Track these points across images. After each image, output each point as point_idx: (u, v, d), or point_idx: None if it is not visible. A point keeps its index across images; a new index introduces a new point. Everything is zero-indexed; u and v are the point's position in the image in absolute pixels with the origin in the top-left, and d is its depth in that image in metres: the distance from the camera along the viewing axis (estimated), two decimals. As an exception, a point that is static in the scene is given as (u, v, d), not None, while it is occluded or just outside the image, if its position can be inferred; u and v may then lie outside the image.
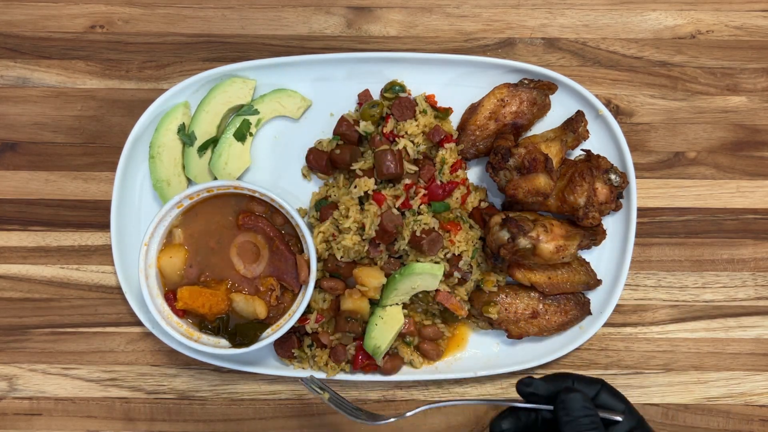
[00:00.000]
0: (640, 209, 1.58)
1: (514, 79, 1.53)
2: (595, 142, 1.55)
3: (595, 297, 1.54)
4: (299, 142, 1.56)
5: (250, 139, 1.54)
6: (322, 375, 1.50)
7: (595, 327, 1.52)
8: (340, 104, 1.56)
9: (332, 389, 1.38)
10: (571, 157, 1.55)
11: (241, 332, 1.43)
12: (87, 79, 1.61)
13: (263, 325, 1.45)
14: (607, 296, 1.53)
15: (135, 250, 1.48)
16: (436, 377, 1.51)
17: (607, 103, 1.60)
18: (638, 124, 1.61)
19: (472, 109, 1.52)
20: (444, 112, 1.52)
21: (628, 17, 1.63)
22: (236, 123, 1.52)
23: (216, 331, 1.45)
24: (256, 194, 1.42)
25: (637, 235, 1.55)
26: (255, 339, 1.43)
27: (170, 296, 1.44)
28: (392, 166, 1.44)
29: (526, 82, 1.52)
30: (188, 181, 1.55)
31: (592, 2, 1.63)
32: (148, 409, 1.57)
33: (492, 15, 1.62)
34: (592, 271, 1.53)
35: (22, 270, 1.58)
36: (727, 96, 1.62)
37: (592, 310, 1.53)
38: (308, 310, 1.49)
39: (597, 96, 1.54)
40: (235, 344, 1.43)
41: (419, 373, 1.51)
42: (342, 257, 1.46)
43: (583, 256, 1.54)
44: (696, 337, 1.58)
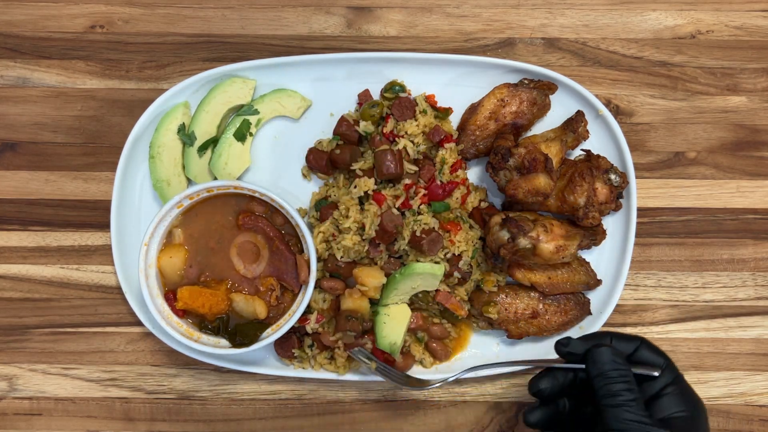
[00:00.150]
0: (640, 209, 1.58)
1: (514, 79, 1.53)
2: (595, 142, 1.55)
3: (595, 297, 1.54)
4: (299, 142, 1.56)
5: (250, 139, 1.54)
6: (331, 375, 1.50)
7: (595, 327, 1.52)
8: (340, 104, 1.56)
9: (377, 358, 1.46)
10: (571, 157, 1.55)
11: (241, 332, 1.43)
12: (87, 79, 1.61)
13: (263, 325, 1.45)
14: (607, 296, 1.53)
15: (135, 250, 1.48)
16: (437, 377, 1.51)
17: (607, 103, 1.61)
18: (638, 124, 1.61)
19: (472, 109, 1.52)
20: (444, 112, 1.52)
21: (628, 17, 1.63)
22: (236, 123, 1.52)
23: (216, 331, 1.45)
24: (256, 194, 1.43)
25: (637, 235, 1.55)
26: (255, 339, 1.43)
27: (170, 296, 1.44)
28: (392, 166, 1.44)
29: (526, 82, 1.52)
30: (188, 181, 1.55)
31: (592, 2, 1.63)
32: (148, 409, 1.57)
33: (492, 15, 1.63)
34: (592, 271, 1.53)
35: (22, 270, 1.58)
36: (727, 96, 1.62)
37: (592, 310, 1.53)
38: (308, 310, 1.49)
39: (597, 96, 1.54)
40: (235, 344, 1.43)
41: (419, 373, 1.51)
42: (342, 257, 1.46)
43: (583, 256, 1.54)
44: (696, 337, 1.58)
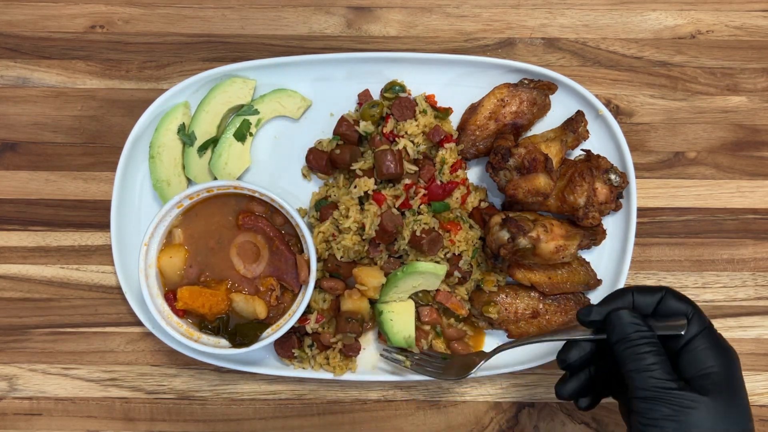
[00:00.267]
0: (640, 209, 1.58)
1: (514, 79, 1.53)
2: (595, 142, 1.55)
3: (595, 297, 1.54)
4: (299, 142, 1.56)
5: (250, 139, 1.54)
6: (327, 375, 1.50)
7: (595, 327, 1.52)
8: (340, 104, 1.56)
9: (412, 353, 1.48)
10: (571, 157, 1.55)
11: (241, 332, 1.43)
12: (87, 79, 1.61)
13: (263, 325, 1.45)
14: (607, 296, 1.53)
15: (135, 250, 1.48)
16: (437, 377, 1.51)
17: (607, 103, 1.61)
18: (638, 124, 1.61)
19: (472, 109, 1.52)
20: (444, 112, 1.52)
21: (628, 17, 1.63)
22: (236, 123, 1.52)
23: (216, 331, 1.45)
24: (256, 194, 1.43)
25: (637, 235, 1.55)
26: (255, 339, 1.43)
27: (170, 296, 1.44)
28: (392, 166, 1.44)
29: (526, 82, 1.52)
30: (188, 181, 1.55)
31: (592, 2, 1.63)
32: (148, 409, 1.57)
33: (492, 15, 1.63)
34: (592, 271, 1.53)
35: (22, 270, 1.58)
36: (727, 96, 1.62)
37: (592, 310, 1.53)
38: (308, 310, 1.49)
39: (597, 96, 1.54)
40: (235, 344, 1.43)
41: (420, 374, 1.51)
42: (342, 257, 1.46)
43: (583, 256, 1.54)
44: (696, 337, 1.58)
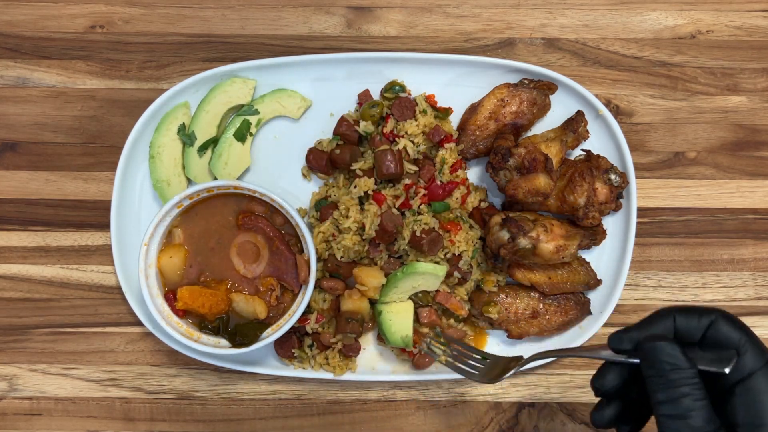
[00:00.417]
0: (640, 209, 1.58)
1: (514, 79, 1.53)
2: (595, 142, 1.55)
3: (595, 297, 1.54)
4: (299, 142, 1.56)
5: (250, 139, 1.54)
6: (327, 375, 1.50)
7: (595, 327, 1.52)
8: (340, 104, 1.56)
9: (452, 347, 1.42)
10: (571, 157, 1.55)
11: (241, 332, 1.43)
12: (87, 79, 1.61)
13: (263, 325, 1.45)
14: (607, 296, 1.53)
15: (135, 250, 1.48)
16: (437, 377, 1.51)
17: (607, 103, 1.61)
18: (638, 124, 1.61)
19: (472, 109, 1.52)
20: (444, 112, 1.52)
21: (628, 17, 1.63)
22: (236, 123, 1.52)
23: (216, 331, 1.45)
24: (256, 194, 1.43)
25: (637, 235, 1.55)
26: (255, 339, 1.43)
27: (170, 296, 1.44)
28: (392, 166, 1.44)
29: (526, 82, 1.52)
30: (188, 181, 1.55)
31: (592, 2, 1.63)
32: (148, 409, 1.57)
33: (492, 15, 1.63)
34: (592, 271, 1.53)
35: (22, 270, 1.58)
36: (727, 96, 1.62)
37: (592, 310, 1.53)
38: (308, 310, 1.49)
39: (597, 96, 1.54)
40: (235, 344, 1.43)
41: (420, 374, 1.51)
42: (342, 257, 1.46)
43: (583, 256, 1.54)
44: (696, 337, 1.58)
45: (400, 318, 1.45)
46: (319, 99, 1.56)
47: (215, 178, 1.53)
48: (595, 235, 1.51)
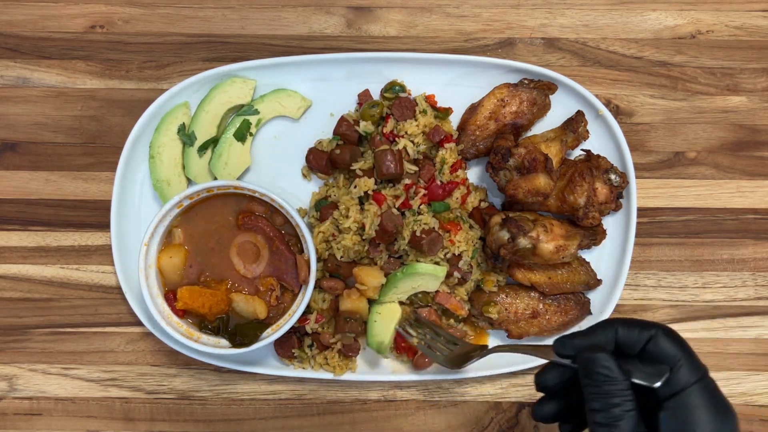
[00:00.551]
0: (640, 209, 1.58)
1: (514, 79, 1.53)
2: (595, 142, 1.55)
3: (595, 297, 1.54)
4: (299, 142, 1.56)
5: (250, 139, 1.54)
6: (327, 375, 1.50)
7: (595, 327, 1.52)
8: (340, 104, 1.56)
9: (426, 330, 1.46)
10: (571, 157, 1.55)
11: (241, 332, 1.43)
12: (87, 79, 1.61)
13: (263, 325, 1.45)
14: (607, 296, 1.53)
15: (135, 250, 1.48)
16: (437, 377, 1.51)
17: (607, 103, 1.61)
18: (638, 124, 1.61)
19: (472, 109, 1.52)
20: (444, 112, 1.52)
21: (628, 17, 1.63)
22: (236, 123, 1.52)
23: (216, 331, 1.45)
24: (256, 194, 1.42)
25: (637, 235, 1.55)
26: (255, 339, 1.43)
27: (170, 296, 1.44)
28: (392, 166, 1.44)
29: (526, 82, 1.52)
30: (188, 181, 1.55)
31: (592, 2, 1.63)
32: (148, 409, 1.57)
33: (492, 15, 1.63)
34: (592, 271, 1.53)
35: (22, 270, 1.58)
36: (727, 96, 1.62)
37: (592, 310, 1.53)
38: (308, 310, 1.49)
39: (597, 96, 1.54)
40: (235, 344, 1.43)
41: (420, 374, 1.51)
42: (342, 257, 1.46)
43: (583, 256, 1.54)
44: (696, 337, 1.58)
45: (384, 322, 1.46)
46: (319, 99, 1.56)
47: (215, 178, 1.53)
48: (595, 235, 1.51)
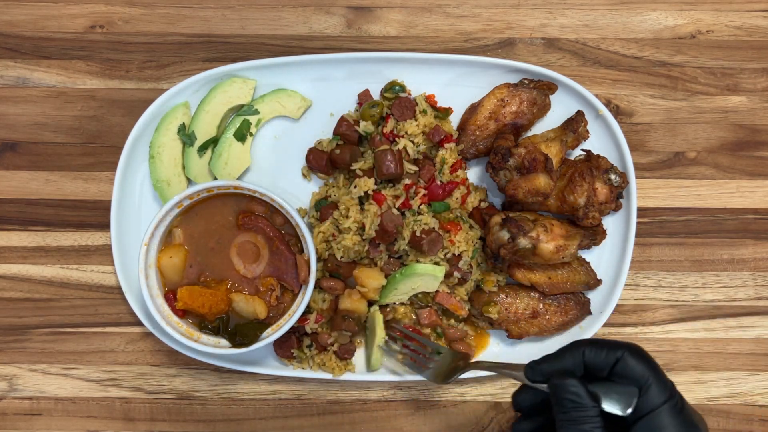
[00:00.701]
0: (640, 209, 1.58)
1: (514, 79, 1.53)
2: (595, 142, 1.55)
3: (595, 297, 1.54)
4: (299, 142, 1.56)
5: (250, 139, 1.54)
6: (327, 375, 1.50)
7: (595, 327, 1.52)
8: (340, 104, 1.56)
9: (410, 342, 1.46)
10: (571, 157, 1.55)
11: (241, 332, 1.43)
12: (87, 79, 1.61)
13: (263, 325, 1.45)
14: (607, 296, 1.53)
15: (135, 250, 1.48)
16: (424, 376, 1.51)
17: (607, 103, 1.61)
18: (638, 124, 1.61)
19: (472, 109, 1.52)
20: (444, 112, 1.52)
21: (628, 17, 1.63)
22: (236, 123, 1.52)
23: (216, 331, 1.45)
24: (256, 194, 1.42)
25: (637, 235, 1.55)
26: (255, 339, 1.43)
27: (170, 296, 1.44)
28: (392, 166, 1.44)
29: (526, 82, 1.52)
30: (188, 181, 1.55)
31: (592, 2, 1.63)
32: (148, 409, 1.57)
33: (492, 15, 1.63)
34: (592, 271, 1.53)
35: (22, 270, 1.58)
36: (727, 96, 1.62)
37: (592, 310, 1.53)
38: (308, 310, 1.49)
39: (597, 96, 1.54)
40: (235, 344, 1.43)
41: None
42: (342, 257, 1.46)
43: (583, 256, 1.54)
44: (696, 337, 1.58)
45: (369, 347, 1.49)
46: (319, 99, 1.56)
47: (215, 178, 1.53)
48: (595, 235, 1.51)
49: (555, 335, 1.53)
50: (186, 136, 1.52)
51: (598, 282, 1.53)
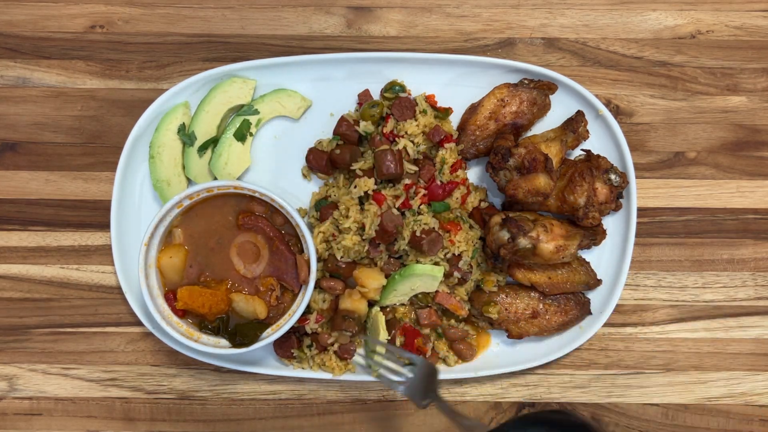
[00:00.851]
0: (640, 209, 1.58)
1: (514, 79, 1.53)
2: (595, 142, 1.55)
3: (595, 297, 1.54)
4: (299, 142, 1.56)
5: (250, 139, 1.54)
6: (327, 375, 1.50)
7: (595, 327, 1.52)
8: (340, 104, 1.56)
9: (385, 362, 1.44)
10: (571, 157, 1.55)
11: (241, 332, 1.43)
12: (87, 79, 1.61)
13: (263, 325, 1.45)
14: (607, 296, 1.53)
15: (135, 250, 1.48)
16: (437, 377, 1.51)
17: (607, 103, 1.61)
18: (638, 124, 1.61)
19: (472, 109, 1.52)
20: (444, 112, 1.52)
21: (628, 17, 1.63)
22: (236, 123, 1.52)
23: (216, 331, 1.45)
24: (256, 194, 1.42)
25: (637, 235, 1.55)
26: (255, 339, 1.43)
27: (170, 296, 1.44)
28: (392, 166, 1.44)
29: (526, 82, 1.52)
30: (188, 181, 1.55)
31: (592, 2, 1.63)
32: (148, 409, 1.57)
33: (492, 15, 1.63)
34: (592, 271, 1.53)
35: (22, 270, 1.58)
36: (727, 96, 1.62)
37: (592, 310, 1.53)
38: (308, 310, 1.49)
39: (597, 96, 1.54)
40: (235, 344, 1.43)
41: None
42: (342, 257, 1.46)
43: (583, 256, 1.54)
44: (696, 337, 1.58)
45: (373, 335, 1.48)
46: (319, 99, 1.56)
47: (215, 178, 1.53)
48: (595, 235, 1.51)
49: (555, 335, 1.53)
50: (186, 136, 1.52)
51: (598, 282, 1.53)
